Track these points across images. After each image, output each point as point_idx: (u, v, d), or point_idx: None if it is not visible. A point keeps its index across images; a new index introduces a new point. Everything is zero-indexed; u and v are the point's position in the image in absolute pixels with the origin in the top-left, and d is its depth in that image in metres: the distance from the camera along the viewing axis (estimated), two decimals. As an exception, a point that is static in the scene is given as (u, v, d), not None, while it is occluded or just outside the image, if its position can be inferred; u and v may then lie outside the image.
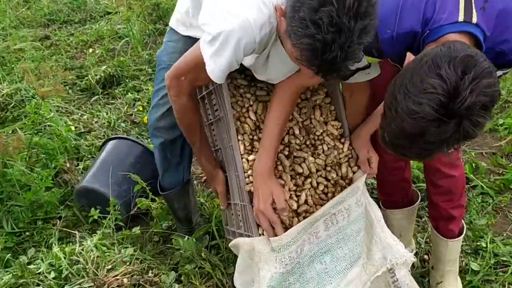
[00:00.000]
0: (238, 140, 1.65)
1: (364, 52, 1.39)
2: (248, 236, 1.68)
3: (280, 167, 1.70)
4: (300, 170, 1.71)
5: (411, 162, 2.13)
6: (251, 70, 1.64)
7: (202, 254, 1.96)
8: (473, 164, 2.66)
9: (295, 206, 1.66)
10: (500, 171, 2.66)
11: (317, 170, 1.74)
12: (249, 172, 1.64)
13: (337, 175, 1.76)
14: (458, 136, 1.18)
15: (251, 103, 1.73)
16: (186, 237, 2.05)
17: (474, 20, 1.27)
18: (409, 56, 1.37)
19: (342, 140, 1.80)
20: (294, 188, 1.70)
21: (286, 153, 1.72)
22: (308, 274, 1.61)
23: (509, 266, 2.06)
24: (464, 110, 1.13)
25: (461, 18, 1.27)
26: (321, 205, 1.68)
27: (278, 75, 1.59)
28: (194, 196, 2.18)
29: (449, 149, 1.23)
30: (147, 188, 2.11)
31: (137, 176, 2.09)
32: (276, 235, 1.57)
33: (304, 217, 1.65)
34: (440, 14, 1.29)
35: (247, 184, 1.63)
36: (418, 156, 1.29)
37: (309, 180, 1.72)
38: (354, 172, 1.78)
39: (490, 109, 1.18)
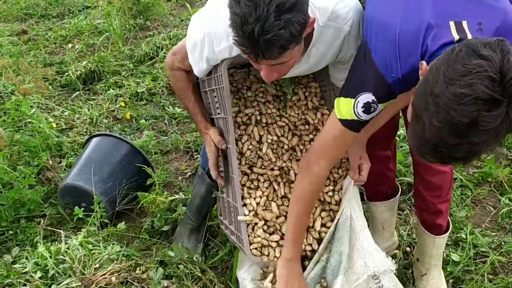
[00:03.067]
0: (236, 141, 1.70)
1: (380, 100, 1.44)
2: (238, 236, 1.71)
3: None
4: None
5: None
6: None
7: (194, 258, 1.98)
8: (453, 158, 2.72)
9: None
10: (479, 164, 2.73)
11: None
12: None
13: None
14: (509, 122, 1.08)
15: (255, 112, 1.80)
16: (180, 243, 2.07)
17: (469, 37, 1.25)
18: (423, 64, 1.28)
19: None
20: None
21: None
22: None
23: (488, 256, 2.13)
24: None
25: (456, 37, 1.25)
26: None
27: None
28: None
29: (499, 142, 1.13)
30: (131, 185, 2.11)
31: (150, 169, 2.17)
32: None
33: None
34: (436, 41, 1.28)
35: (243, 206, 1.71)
36: (466, 157, 1.15)
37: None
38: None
39: None
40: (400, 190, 2.17)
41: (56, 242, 2.00)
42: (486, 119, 1.06)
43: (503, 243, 2.23)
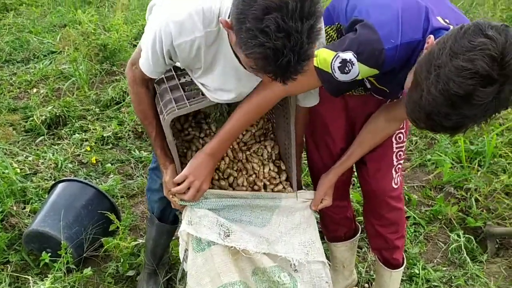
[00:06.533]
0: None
1: (351, 85, 1.47)
2: None
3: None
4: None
5: (350, 198, 2.30)
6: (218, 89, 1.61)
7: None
8: (406, 197, 2.90)
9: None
10: (430, 203, 2.92)
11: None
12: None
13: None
14: (499, 102, 1.18)
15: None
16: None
17: None
18: (430, 38, 1.35)
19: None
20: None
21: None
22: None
23: (439, 290, 2.28)
24: (510, 71, 1.15)
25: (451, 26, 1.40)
26: None
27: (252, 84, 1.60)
28: None
29: (485, 120, 1.24)
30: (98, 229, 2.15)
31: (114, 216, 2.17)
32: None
33: None
34: (433, 24, 1.40)
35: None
36: (453, 128, 1.27)
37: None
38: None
39: None
40: (360, 230, 2.29)
41: (22, 289, 2.00)
42: (480, 94, 1.16)
43: (453, 277, 2.38)
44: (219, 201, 1.74)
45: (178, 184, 1.68)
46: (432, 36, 1.34)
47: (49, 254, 2.17)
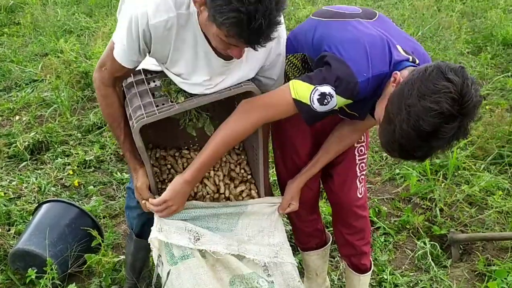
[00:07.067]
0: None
1: (327, 114, 1.61)
2: None
3: None
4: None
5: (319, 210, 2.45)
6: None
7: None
8: (376, 209, 3.07)
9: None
10: (398, 214, 3.09)
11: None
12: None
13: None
14: (459, 134, 1.39)
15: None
16: None
17: (417, 62, 1.62)
18: (395, 75, 1.53)
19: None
20: None
21: None
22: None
23: (406, 293, 2.43)
24: (471, 108, 1.35)
25: (411, 59, 1.61)
26: None
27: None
28: None
29: (450, 148, 1.46)
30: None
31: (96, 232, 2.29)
32: None
33: None
34: (395, 57, 1.59)
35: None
36: (423, 156, 1.47)
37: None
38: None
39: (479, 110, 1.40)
40: (331, 239, 2.43)
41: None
42: (445, 130, 1.36)
43: (419, 281, 2.54)
44: (187, 212, 1.82)
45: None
46: (398, 73, 1.53)
47: (35, 271, 2.25)
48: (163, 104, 1.69)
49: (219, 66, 1.67)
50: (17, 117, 4.18)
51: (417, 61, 1.63)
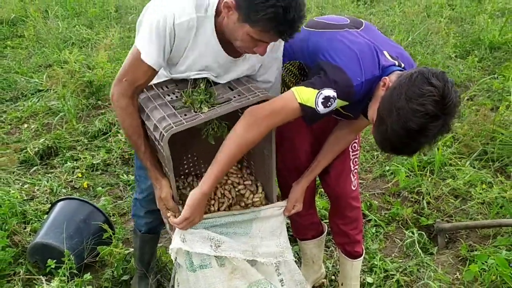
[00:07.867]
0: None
1: (326, 115, 1.76)
2: None
3: None
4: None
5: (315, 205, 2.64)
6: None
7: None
8: (368, 203, 3.28)
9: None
10: (388, 207, 3.30)
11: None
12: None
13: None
14: (443, 130, 1.57)
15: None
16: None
17: (403, 65, 1.81)
18: (385, 80, 1.70)
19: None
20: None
21: None
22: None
23: (395, 276, 2.63)
24: (452, 107, 1.53)
25: (397, 63, 1.80)
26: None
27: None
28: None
29: (435, 143, 1.65)
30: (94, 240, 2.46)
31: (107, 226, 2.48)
32: None
33: None
34: (383, 62, 1.78)
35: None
36: (413, 151, 1.66)
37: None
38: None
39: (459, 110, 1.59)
40: (326, 229, 2.62)
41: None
42: (430, 128, 1.54)
43: (407, 267, 2.74)
44: (207, 222, 1.91)
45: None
46: (387, 78, 1.70)
47: (54, 261, 2.45)
48: (185, 115, 1.74)
49: (227, 62, 1.82)
50: (25, 125, 4.38)
51: (403, 65, 1.83)
